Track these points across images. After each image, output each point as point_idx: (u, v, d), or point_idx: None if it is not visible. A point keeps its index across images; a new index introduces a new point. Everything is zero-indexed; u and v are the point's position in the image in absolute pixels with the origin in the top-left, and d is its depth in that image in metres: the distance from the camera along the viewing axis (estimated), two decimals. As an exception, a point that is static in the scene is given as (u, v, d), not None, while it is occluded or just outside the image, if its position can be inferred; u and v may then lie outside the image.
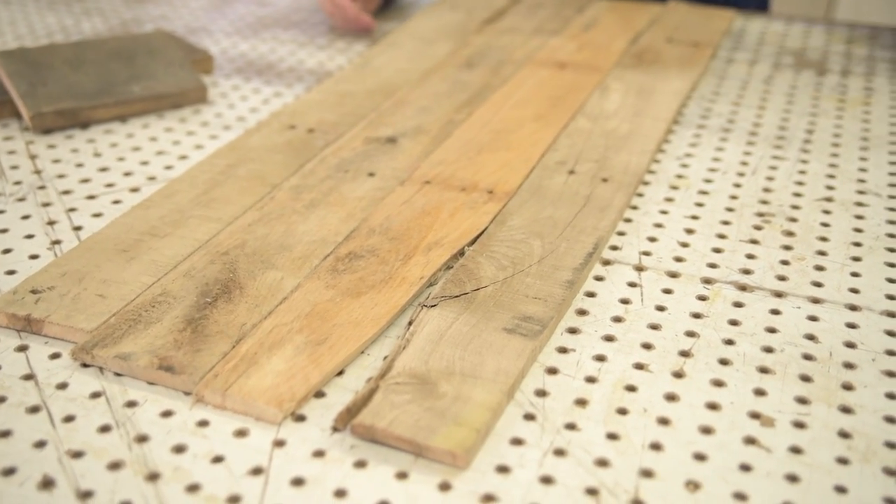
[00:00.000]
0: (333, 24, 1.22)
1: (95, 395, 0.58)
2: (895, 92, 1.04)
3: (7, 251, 0.73)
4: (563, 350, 0.63)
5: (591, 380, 0.60)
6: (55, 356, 0.61)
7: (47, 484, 0.51)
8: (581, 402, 0.58)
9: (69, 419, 0.56)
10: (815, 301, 0.69)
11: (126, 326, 0.63)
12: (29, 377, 0.59)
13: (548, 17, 1.20)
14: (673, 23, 1.18)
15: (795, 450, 0.55)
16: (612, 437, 0.56)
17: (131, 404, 0.57)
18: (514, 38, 1.11)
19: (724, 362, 0.63)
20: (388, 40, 1.15)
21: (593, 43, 1.11)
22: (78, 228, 0.76)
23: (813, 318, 0.67)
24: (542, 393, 0.59)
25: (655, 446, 0.55)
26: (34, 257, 0.72)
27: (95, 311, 0.64)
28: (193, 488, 0.51)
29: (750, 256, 0.74)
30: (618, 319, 0.67)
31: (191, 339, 0.62)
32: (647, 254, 0.74)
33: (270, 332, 0.63)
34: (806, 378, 0.61)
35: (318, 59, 1.12)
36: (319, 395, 0.58)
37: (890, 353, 0.64)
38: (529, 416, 0.57)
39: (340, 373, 0.60)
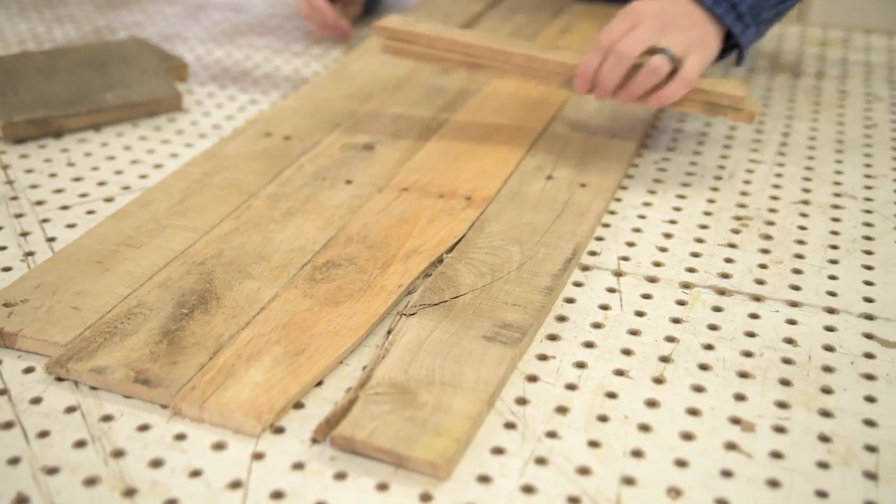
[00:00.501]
0: (310, 29, 1.21)
1: (70, 410, 0.57)
2: (868, 94, 1.05)
3: (-20, 263, 0.72)
4: (543, 357, 0.63)
5: (571, 387, 0.60)
6: (29, 370, 0.61)
7: (21, 502, 0.51)
8: (562, 410, 0.58)
9: (43, 434, 0.55)
10: (794, 304, 0.69)
11: (101, 339, 0.62)
12: (2, 392, 0.59)
13: (524, 23, 1.20)
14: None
15: (776, 454, 0.55)
16: (594, 444, 0.55)
17: (107, 418, 0.57)
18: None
19: (703, 367, 0.63)
20: (364, 46, 1.14)
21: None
22: (52, 239, 0.75)
23: (791, 322, 0.67)
24: (522, 401, 0.59)
25: (637, 453, 0.55)
26: (7, 269, 0.71)
27: (70, 324, 0.63)
28: (171, 503, 0.51)
29: (728, 260, 0.74)
30: (597, 325, 0.67)
31: (167, 351, 0.61)
32: (625, 259, 0.74)
33: (248, 343, 0.62)
34: (785, 382, 0.61)
35: (294, 65, 1.12)
36: (298, 406, 0.58)
37: (868, 355, 0.64)
38: (510, 425, 0.57)
39: (319, 383, 0.60)
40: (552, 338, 0.65)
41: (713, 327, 0.67)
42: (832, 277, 0.73)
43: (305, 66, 1.12)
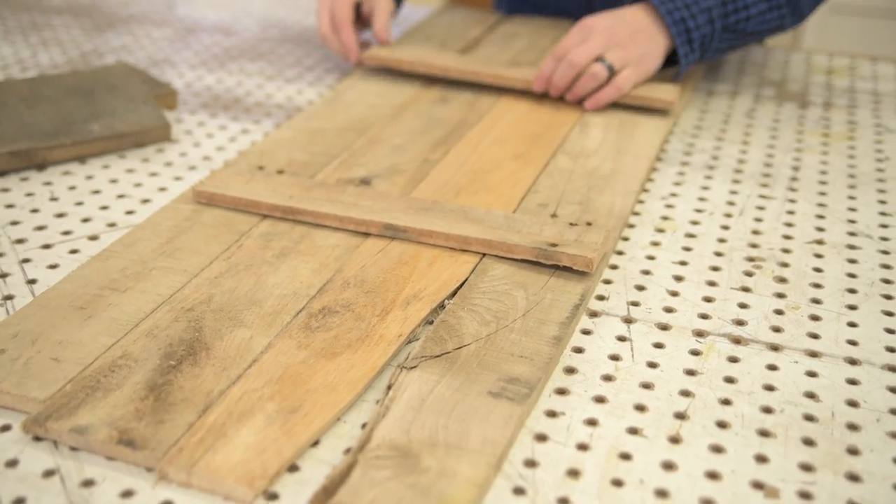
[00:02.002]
0: (318, 49, 1.21)
1: (49, 474, 0.53)
2: (878, 125, 1.02)
3: (-45, 308, 0.68)
4: (552, 414, 0.60)
5: (582, 447, 0.57)
6: (5, 428, 0.57)
7: (-5, 581, 0.47)
8: (573, 473, 0.55)
9: (19, 502, 0.51)
10: (813, 355, 0.66)
11: (83, 395, 0.58)
12: (-24, 454, 0.55)
13: (523, 48, 1.17)
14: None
15: (804, 526, 0.52)
16: (609, 514, 0.52)
17: (88, 483, 0.53)
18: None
19: (721, 425, 0.59)
20: (359, 72, 1.11)
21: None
22: (32, 282, 0.71)
23: (812, 374, 0.64)
24: (531, 463, 0.55)
25: (655, 524, 0.52)
26: (-15, 315, 0.67)
27: (49, 378, 0.59)
28: (156, 583, 0.47)
29: (742, 306, 0.71)
30: (608, 378, 0.63)
31: (153, 407, 0.57)
32: (635, 304, 0.71)
33: (240, 400, 0.58)
34: (809, 442, 0.58)
35: (287, 92, 1.08)
36: (293, 468, 0.54)
37: (894, 412, 0.61)
38: (519, 490, 0.53)
39: (315, 443, 0.56)
40: (561, 392, 0.62)
41: (730, 380, 0.63)
42: (852, 325, 0.69)
43: (299, 93, 1.08)
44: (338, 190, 0.80)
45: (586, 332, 0.68)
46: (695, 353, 0.66)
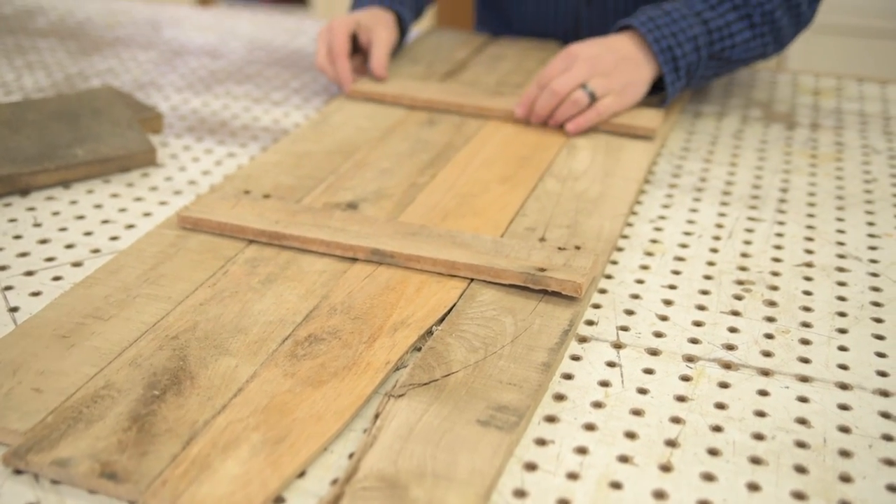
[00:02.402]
0: (304, 72, 1.21)
1: (30, 509, 0.52)
2: (866, 146, 1.02)
3: (-64, 337, 0.67)
4: (541, 442, 0.59)
5: (572, 476, 0.56)
6: (-14, 462, 0.56)
7: None
8: (563, 504, 0.54)
9: (0, 538, 0.51)
10: (804, 380, 0.65)
11: (65, 426, 0.57)
12: (-45, 489, 0.54)
13: (510, 70, 1.16)
14: (638, 74, 1.15)
15: (797, 556, 0.51)
16: (600, 545, 0.51)
17: (70, 518, 0.52)
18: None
19: (713, 452, 0.59)
20: (346, 95, 1.10)
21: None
22: (14, 310, 0.70)
23: (803, 399, 0.64)
24: (520, 493, 0.55)
25: (647, 556, 0.51)
26: (-34, 344, 0.66)
27: (30, 409, 0.59)
28: None
29: (732, 330, 0.71)
30: (598, 405, 0.62)
31: (136, 439, 0.56)
32: (624, 329, 0.70)
33: (224, 430, 0.57)
34: (801, 469, 0.57)
35: (274, 115, 1.08)
36: (279, 500, 0.53)
37: (887, 437, 0.60)
38: (508, 522, 0.53)
39: (301, 474, 0.55)
40: (550, 419, 0.61)
41: (721, 406, 0.63)
42: (842, 349, 0.69)
43: (286, 116, 1.08)
44: (324, 214, 0.80)
45: (575, 358, 0.67)
46: (685, 378, 0.65)
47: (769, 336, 0.70)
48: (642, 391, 0.64)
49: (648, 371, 0.66)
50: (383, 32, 1.12)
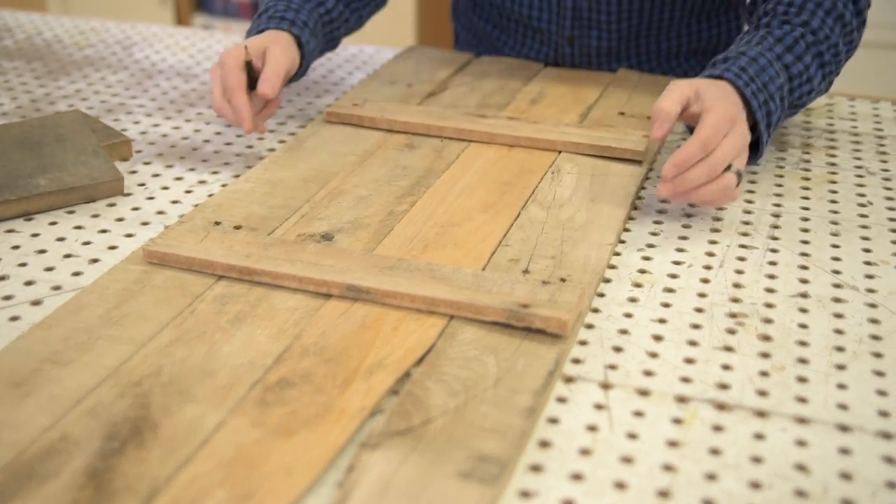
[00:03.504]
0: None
1: (-25, 579, 0.49)
2: (859, 167, 0.99)
3: None
4: (525, 494, 0.55)
5: (559, 533, 0.53)
6: (-71, 526, 0.52)
7: None
8: (550, 564, 0.50)
9: None
10: (802, 421, 0.62)
11: (16, 485, 0.53)
12: None
13: (493, 90, 1.13)
14: (624, 94, 1.12)
15: None
16: None
17: (18, 588, 0.48)
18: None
19: (707, 503, 0.55)
20: (322, 118, 1.07)
21: (542, 118, 1.05)
22: (-32, 354, 0.66)
23: (801, 443, 0.60)
24: (504, 553, 0.51)
25: None
26: (-86, 393, 0.62)
27: (-20, 466, 0.55)
28: None
29: (725, 367, 0.67)
30: (585, 452, 0.59)
31: (93, 498, 0.53)
32: (612, 367, 0.67)
33: (188, 486, 0.54)
34: (801, 521, 0.54)
35: (247, 140, 1.04)
36: (245, 565, 0.50)
37: (890, 485, 0.57)
38: (491, 586, 0.49)
39: (269, 534, 0.52)
40: (535, 469, 0.57)
41: (714, 451, 0.59)
42: (841, 386, 0.66)
43: (259, 140, 1.04)
44: (297, 248, 0.76)
45: (561, 400, 0.64)
46: (677, 421, 0.62)
47: (764, 374, 0.67)
48: (632, 436, 0.61)
49: (638, 413, 0.63)
50: (276, 50, 0.98)
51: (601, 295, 0.75)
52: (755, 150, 0.91)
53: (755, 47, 0.92)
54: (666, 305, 0.74)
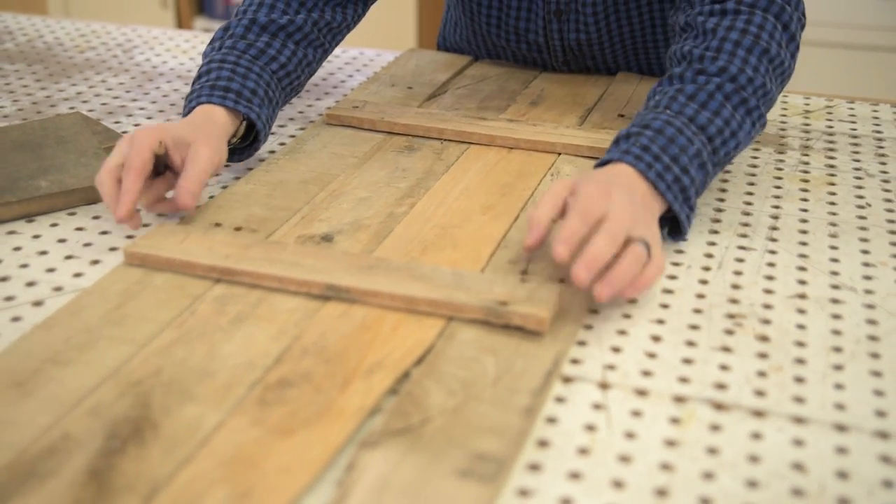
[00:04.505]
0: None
1: (-24, 576, 0.49)
2: (858, 169, 0.99)
3: None
4: (523, 492, 0.56)
5: (557, 531, 0.53)
6: (-69, 524, 0.52)
7: None
8: (547, 562, 0.51)
9: None
10: (799, 421, 0.62)
11: (17, 483, 0.54)
12: None
13: (492, 93, 1.13)
14: (624, 96, 1.12)
15: None
16: None
17: (19, 586, 0.48)
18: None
19: (705, 502, 0.56)
20: (322, 120, 1.07)
21: (541, 120, 1.05)
22: (-31, 354, 0.67)
23: (798, 443, 0.60)
24: (502, 551, 0.51)
25: None
26: (-84, 392, 0.63)
27: (-19, 465, 0.55)
28: None
29: (723, 367, 0.68)
30: (583, 451, 0.59)
31: (94, 496, 0.53)
32: (611, 367, 0.67)
33: (188, 485, 0.54)
34: (798, 520, 0.54)
35: (248, 141, 1.04)
36: (244, 563, 0.50)
37: (887, 483, 0.57)
38: (489, 583, 0.49)
39: (269, 532, 0.52)
40: (533, 467, 0.58)
41: (712, 451, 0.60)
42: (838, 386, 0.66)
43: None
44: (277, 248, 0.76)
45: (560, 400, 0.64)
46: (674, 420, 0.62)
47: (762, 374, 0.67)
48: (630, 435, 0.61)
49: (636, 413, 0.63)
50: (203, 152, 0.83)
51: (600, 296, 0.76)
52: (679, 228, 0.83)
53: (663, 113, 0.84)
54: (664, 306, 0.75)
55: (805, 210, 0.91)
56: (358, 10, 1.08)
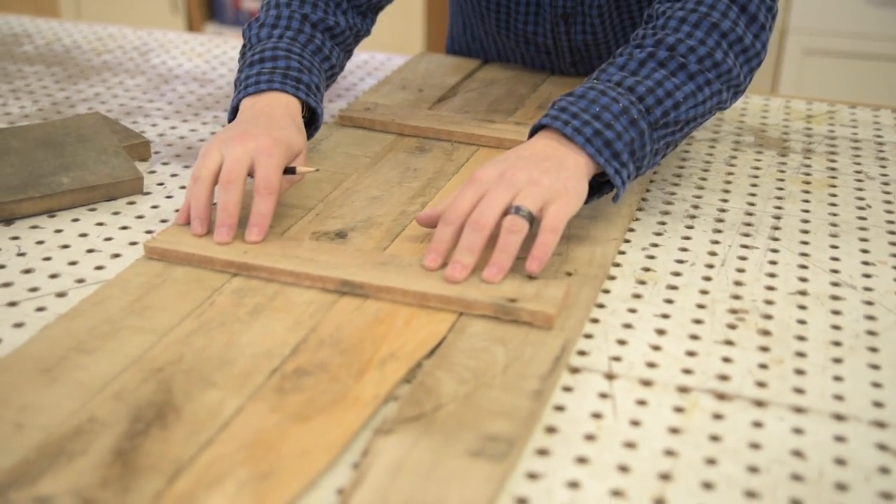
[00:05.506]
0: None
1: (9, 549, 0.51)
2: (859, 172, 1.01)
3: (-84, 371, 0.66)
4: (532, 476, 0.58)
5: (565, 512, 0.55)
6: (-35, 500, 0.55)
7: None
8: (556, 541, 0.53)
9: (-23, 580, 0.49)
10: (799, 410, 0.65)
11: (46, 462, 0.56)
12: (-67, 528, 0.53)
13: (501, 96, 1.16)
14: (629, 100, 1.14)
15: None
16: (593, 584, 0.50)
17: (50, 558, 0.51)
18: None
19: (707, 486, 0.58)
20: (335, 121, 1.09)
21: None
22: (-3, 342, 0.69)
23: (798, 431, 0.63)
24: (512, 530, 0.53)
25: None
26: (-54, 378, 0.65)
27: (12, 445, 0.57)
28: None
29: (726, 360, 0.70)
30: (590, 437, 0.61)
31: (120, 474, 0.55)
32: (617, 359, 0.70)
33: (210, 466, 0.56)
34: (797, 503, 0.56)
35: (262, 142, 1.07)
36: (265, 539, 0.52)
37: (883, 470, 0.59)
38: (499, 560, 0.51)
39: (288, 511, 0.54)
40: (542, 452, 0.60)
41: (714, 438, 0.62)
42: (837, 378, 0.68)
43: (274, 142, 1.07)
44: (293, 244, 0.79)
45: (567, 389, 0.66)
46: (678, 409, 0.64)
47: (763, 366, 0.69)
48: (635, 423, 0.63)
49: (641, 402, 0.65)
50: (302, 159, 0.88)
51: (606, 291, 0.78)
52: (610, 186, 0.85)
53: (588, 84, 0.86)
54: (669, 301, 0.77)
55: (806, 211, 0.93)
56: (373, 19, 1.11)
